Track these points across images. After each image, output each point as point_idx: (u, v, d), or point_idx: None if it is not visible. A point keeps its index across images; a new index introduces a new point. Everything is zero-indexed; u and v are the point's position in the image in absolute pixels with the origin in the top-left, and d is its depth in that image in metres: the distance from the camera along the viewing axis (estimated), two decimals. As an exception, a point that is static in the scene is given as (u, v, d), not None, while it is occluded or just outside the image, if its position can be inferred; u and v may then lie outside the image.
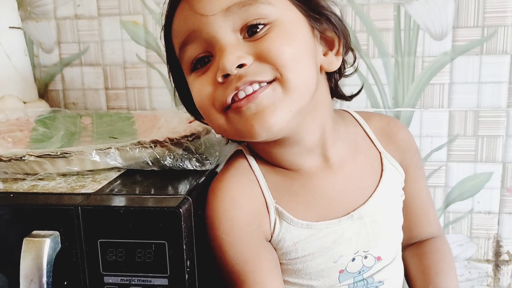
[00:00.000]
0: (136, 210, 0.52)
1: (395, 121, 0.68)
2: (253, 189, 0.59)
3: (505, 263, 0.90)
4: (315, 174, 0.60)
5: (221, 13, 0.51)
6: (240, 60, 0.50)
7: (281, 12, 0.53)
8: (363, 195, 0.61)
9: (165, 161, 0.61)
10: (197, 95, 0.55)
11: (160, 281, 0.53)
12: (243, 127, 0.52)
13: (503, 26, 0.82)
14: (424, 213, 0.68)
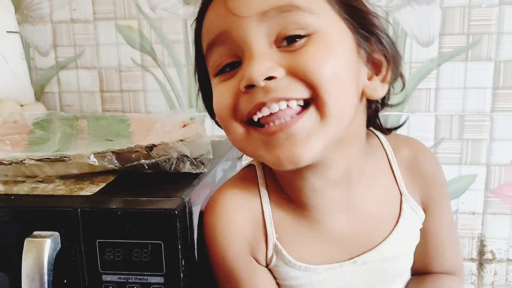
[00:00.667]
0: (133, 212, 0.54)
1: (424, 152, 0.60)
2: (255, 218, 0.55)
3: (489, 262, 0.94)
4: (329, 214, 0.54)
5: (257, 16, 0.45)
6: (269, 72, 0.44)
7: (324, 24, 0.46)
8: (373, 240, 0.56)
9: (161, 165, 0.63)
10: (217, 101, 0.49)
11: (156, 279, 0.55)
12: (265, 154, 0.47)
13: (487, 33, 0.85)
14: (439, 251, 0.61)
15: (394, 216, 0.56)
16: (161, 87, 0.98)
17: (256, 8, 0.45)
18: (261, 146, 0.47)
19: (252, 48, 0.46)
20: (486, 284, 0.95)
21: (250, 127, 0.48)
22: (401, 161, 0.58)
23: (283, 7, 0.45)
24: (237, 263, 0.55)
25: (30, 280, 0.55)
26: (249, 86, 0.45)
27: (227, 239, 0.55)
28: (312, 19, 0.46)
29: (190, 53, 0.96)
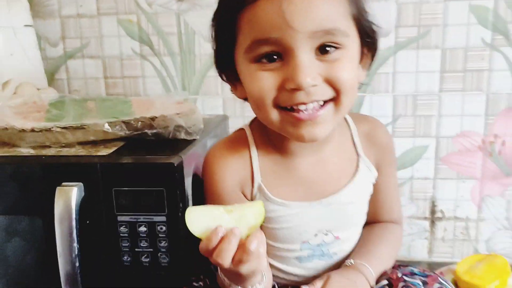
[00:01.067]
0: (142, 165, 0.69)
1: (380, 126, 0.76)
2: (245, 164, 0.69)
3: (439, 220, 1.10)
4: (304, 163, 0.69)
5: (308, 33, 0.56)
6: (313, 82, 0.57)
7: (351, 41, 0.60)
8: (336, 187, 0.70)
9: (161, 133, 0.78)
10: (258, 87, 0.60)
11: (160, 218, 0.70)
12: (293, 131, 0.61)
13: (435, 25, 1.00)
14: (387, 204, 0.77)
15: (352, 171, 0.72)
16: (158, 74, 1.13)
17: (310, 26, 0.56)
18: (290, 125, 0.61)
19: (299, 58, 0.57)
20: (437, 238, 1.11)
21: (282, 111, 0.61)
22: (361, 133, 0.73)
23: (330, 30, 0.57)
24: (229, 197, 0.69)
25: (61, 221, 0.69)
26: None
27: (223, 176, 0.69)
28: (345, 39, 0.59)
29: (183, 44, 1.10)
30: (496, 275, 0.90)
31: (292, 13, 0.56)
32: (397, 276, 0.70)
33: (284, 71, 0.59)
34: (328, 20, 0.57)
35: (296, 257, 0.73)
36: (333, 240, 0.72)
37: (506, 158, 1.04)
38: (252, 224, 0.55)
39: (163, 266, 0.72)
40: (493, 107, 1.02)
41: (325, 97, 0.60)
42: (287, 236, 0.71)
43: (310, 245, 0.72)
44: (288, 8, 0.56)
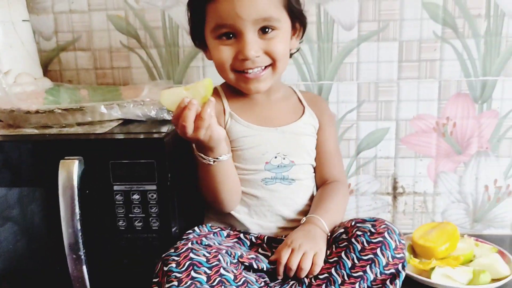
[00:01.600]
0: (135, 140, 0.80)
1: (320, 97, 1.11)
2: (218, 103, 0.91)
3: (400, 195, 1.22)
4: (259, 103, 0.95)
5: (252, 20, 0.83)
6: (256, 54, 0.84)
7: (283, 23, 0.87)
8: (288, 120, 0.95)
9: (151, 113, 0.89)
10: (220, 57, 0.86)
11: (151, 187, 0.81)
12: (244, 86, 0.89)
13: (393, 20, 1.12)
14: (328, 158, 0.99)
15: (300, 113, 0.98)
16: (145, 65, 1.23)
17: (253, 16, 0.83)
18: (242, 82, 0.89)
19: (247, 37, 0.84)
20: (399, 212, 1.23)
21: (236, 73, 0.88)
22: (305, 97, 1.02)
23: (266, 18, 0.84)
24: None
25: (64, 190, 0.80)
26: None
27: None
28: (279, 23, 0.86)
29: (168, 37, 1.20)
30: (446, 239, 1.03)
31: (241, 7, 0.82)
32: (351, 224, 0.84)
33: (237, 46, 0.86)
34: (265, 10, 0.83)
35: (262, 179, 0.91)
36: (290, 163, 0.93)
37: (456, 138, 1.17)
38: (202, 95, 0.73)
39: (153, 229, 0.83)
40: (444, 93, 1.15)
41: (264, 64, 0.87)
42: (252, 156, 0.91)
43: (272, 166, 0.92)
44: (237, 3, 0.82)
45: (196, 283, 0.71)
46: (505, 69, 1.12)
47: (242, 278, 0.76)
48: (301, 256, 0.79)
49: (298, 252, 0.80)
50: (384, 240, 0.79)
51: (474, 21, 1.10)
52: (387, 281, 0.78)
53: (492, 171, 1.18)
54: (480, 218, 1.21)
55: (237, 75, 0.88)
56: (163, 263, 0.74)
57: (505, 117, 1.15)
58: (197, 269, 0.72)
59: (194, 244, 0.76)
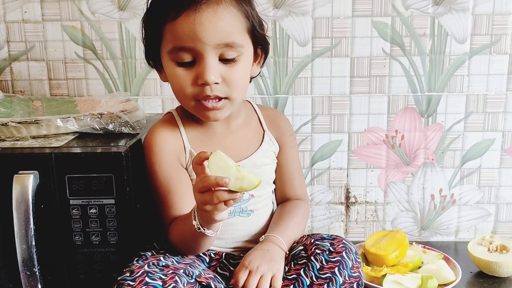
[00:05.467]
0: (93, 154, 0.80)
1: (280, 113, 1.03)
2: (176, 137, 0.88)
3: (353, 204, 1.27)
4: (221, 133, 0.91)
5: (214, 45, 0.78)
6: (215, 80, 0.79)
7: (246, 50, 0.82)
8: (247, 152, 0.92)
9: (108, 127, 0.88)
10: (178, 82, 0.82)
11: (109, 201, 0.81)
12: (203, 114, 0.84)
13: (345, 37, 1.17)
14: (290, 178, 0.98)
15: (259, 141, 0.94)
16: (101, 76, 1.22)
17: (214, 40, 0.78)
18: (201, 110, 0.84)
19: (207, 61, 0.79)
20: (352, 220, 1.28)
21: (196, 101, 0.83)
22: (266, 116, 0.97)
23: (229, 43, 0.79)
24: (169, 169, 0.86)
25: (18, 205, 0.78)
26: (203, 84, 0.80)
27: (161, 151, 0.86)
28: (242, 49, 0.81)
29: (125, 49, 1.20)
30: (396, 247, 1.07)
31: (201, 31, 0.77)
32: (310, 242, 0.86)
33: (196, 70, 0.80)
34: (228, 35, 0.79)
35: None
36: (249, 197, 0.91)
37: (405, 150, 1.23)
38: (243, 187, 0.70)
39: (111, 243, 0.82)
40: (393, 107, 1.21)
41: (222, 95, 0.82)
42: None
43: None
44: (198, 27, 0.77)
45: None
46: (449, 85, 1.20)
47: (199, 298, 0.77)
48: (259, 278, 0.80)
49: (256, 274, 0.80)
50: (342, 260, 0.82)
51: (420, 40, 1.17)
52: None
53: (438, 181, 1.25)
54: (427, 226, 1.28)
55: (196, 102, 0.83)
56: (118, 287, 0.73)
57: (448, 130, 1.22)
58: None
59: (151, 266, 0.76)
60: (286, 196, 0.99)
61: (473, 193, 1.25)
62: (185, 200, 0.85)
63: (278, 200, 1.00)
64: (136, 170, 0.84)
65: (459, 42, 1.17)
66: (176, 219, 0.85)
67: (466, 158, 1.23)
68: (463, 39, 1.17)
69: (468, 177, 1.24)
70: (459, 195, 1.25)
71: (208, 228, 0.77)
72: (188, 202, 0.85)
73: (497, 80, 1.19)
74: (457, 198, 1.26)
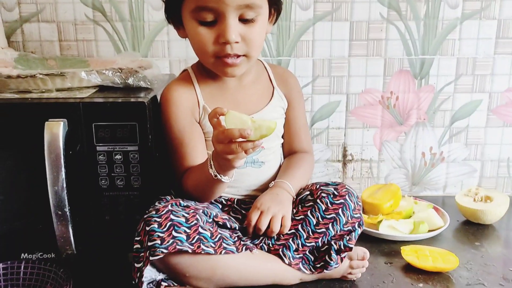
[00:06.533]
0: (117, 103, 0.85)
1: (289, 71, 1.09)
2: (191, 93, 0.94)
3: (349, 162, 1.35)
4: (233, 88, 0.97)
5: (235, 6, 0.83)
6: (236, 39, 0.84)
7: (263, 10, 0.87)
8: (258, 107, 0.98)
9: (128, 81, 0.94)
10: (201, 40, 0.86)
11: (133, 148, 0.87)
12: (221, 70, 0.90)
13: (345, 2, 1.23)
14: (297, 133, 1.04)
15: (269, 96, 1.00)
16: (110, 38, 1.26)
17: (237, 2, 0.82)
18: (220, 66, 0.89)
19: (229, 22, 0.84)
20: (348, 177, 1.36)
21: (215, 58, 0.88)
22: (275, 73, 1.03)
23: (249, 4, 0.84)
24: (183, 122, 0.92)
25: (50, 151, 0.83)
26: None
27: (176, 104, 0.92)
28: (260, 10, 0.86)
29: (133, 11, 1.24)
30: (390, 197, 1.17)
31: None
32: (315, 187, 0.94)
33: (217, 29, 0.86)
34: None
35: None
36: (260, 149, 0.97)
37: (399, 110, 1.31)
38: (263, 133, 0.76)
39: (135, 187, 0.89)
40: (389, 69, 1.28)
41: (241, 53, 0.88)
42: None
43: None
44: None
45: (177, 241, 0.78)
46: (441, 49, 1.27)
47: (218, 235, 0.84)
48: (270, 218, 0.88)
49: (267, 215, 0.88)
50: (345, 202, 0.90)
51: (415, 5, 1.24)
52: (345, 235, 0.90)
53: (428, 139, 1.33)
54: (418, 182, 1.37)
55: (216, 59, 0.88)
56: (145, 223, 0.80)
57: (440, 91, 1.30)
58: (178, 229, 0.79)
59: (174, 206, 0.83)
60: (293, 149, 1.06)
61: (460, 151, 1.34)
62: (197, 151, 0.92)
63: (285, 153, 1.06)
64: (157, 120, 0.90)
65: (451, 7, 1.24)
66: (189, 168, 0.91)
67: (455, 118, 1.32)
68: (455, 4, 1.24)
69: (456, 135, 1.33)
70: (448, 152, 1.34)
71: (224, 175, 0.84)
72: (200, 153, 0.92)
73: (486, 44, 1.27)
74: (446, 155, 1.35)
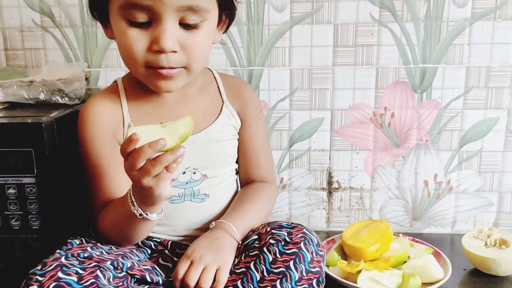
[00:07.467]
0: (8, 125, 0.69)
1: (244, 83, 0.91)
2: (115, 109, 0.77)
3: (336, 190, 1.15)
4: (170, 103, 0.79)
5: (175, 7, 0.66)
6: (173, 47, 0.68)
7: (210, 15, 0.71)
8: (200, 126, 0.79)
9: (40, 96, 0.78)
10: (129, 46, 0.69)
11: (29, 179, 0.70)
12: (154, 84, 0.72)
13: (327, 1, 1.04)
14: (254, 158, 0.86)
15: (216, 113, 0.82)
16: (60, 46, 1.11)
17: (177, 2, 0.66)
18: (152, 79, 0.71)
19: (166, 25, 0.67)
20: (335, 208, 1.15)
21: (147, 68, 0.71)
22: (227, 85, 0.85)
23: (193, 7, 0.67)
24: (102, 146, 0.74)
25: None
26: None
27: (94, 126, 0.75)
28: (207, 14, 0.70)
29: (85, 16, 1.09)
30: (377, 239, 0.95)
31: None
32: (265, 231, 0.74)
33: (151, 33, 0.68)
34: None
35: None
36: (201, 178, 0.80)
37: (395, 130, 1.10)
38: (182, 133, 0.61)
39: (34, 229, 0.72)
40: (382, 81, 1.07)
41: (179, 65, 0.70)
42: None
43: (179, 183, 0.78)
44: None
45: None
46: (446, 56, 1.05)
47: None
48: (202, 270, 0.69)
49: (198, 266, 0.69)
50: (299, 252, 0.69)
51: (414, 4, 1.03)
52: None
53: (432, 165, 1.11)
54: (420, 216, 1.14)
55: (147, 70, 0.71)
56: (26, 283, 0.62)
57: (445, 107, 1.08)
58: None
59: (69, 258, 0.65)
60: (250, 177, 0.87)
61: (472, 180, 1.11)
62: (118, 182, 0.74)
63: (242, 182, 0.89)
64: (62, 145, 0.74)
65: (458, 6, 1.03)
66: (107, 204, 0.74)
67: (465, 139, 1.09)
68: (463, 2, 1.02)
69: (467, 161, 1.10)
70: (457, 181, 1.12)
71: (151, 212, 0.66)
72: (122, 185, 0.74)
73: (502, 50, 1.05)
74: (454, 185, 1.12)
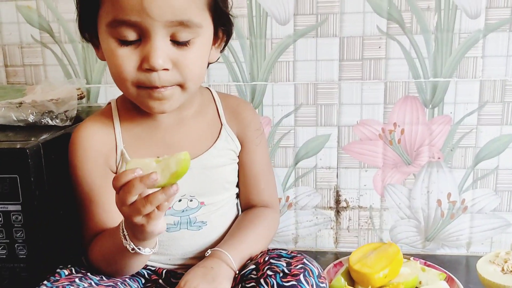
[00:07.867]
0: (-8, 151, 0.66)
1: (246, 104, 0.84)
2: (107, 133, 0.73)
3: (344, 209, 1.10)
4: (164, 123, 0.75)
5: (165, 22, 0.62)
6: (164, 65, 0.64)
7: (203, 30, 0.66)
8: (197, 151, 0.75)
9: (29, 118, 0.75)
10: (118, 66, 0.65)
11: (15, 207, 0.67)
12: (146, 105, 0.68)
13: (332, 13, 1.00)
14: (255, 182, 0.81)
15: (214, 137, 0.77)
16: (59, 62, 1.09)
17: (166, 17, 0.62)
18: (145, 99, 0.68)
19: (155, 42, 0.63)
20: (343, 228, 1.11)
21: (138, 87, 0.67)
22: (226, 106, 0.80)
23: (184, 21, 0.63)
24: (93, 175, 0.71)
25: None
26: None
27: (85, 152, 0.71)
28: (199, 30, 0.66)
29: (84, 31, 1.07)
30: (386, 264, 0.89)
31: (150, 2, 0.61)
32: (263, 260, 0.70)
33: (141, 51, 0.65)
34: (183, 12, 0.63)
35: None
36: (198, 205, 0.76)
37: (405, 147, 1.04)
38: (173, 171, 0.56)
39: (20, 258, 0.69)
40: (391, 96, 1.02)
41: (172, 84, 0.66)
42: None
43: (175, 211, 0.74)
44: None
45: None
46: (459, 70, 1.00)
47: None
48: None
49: None
50: (298, 284, 0.64)
51: (423, 15, 0.98)
52: None
53: (445, 184, 1.05)
54: (433, 237, 1.08)
55: (139, 90, 0.67)
56: None
57: (459, 123, 1.02)
58: None
59: None
60: (250, 202, 0.83)
61: (488, 199, 1.05)
62: (109, 212, 0.70)
63: (242, 207, 0.84)
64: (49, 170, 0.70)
65: (471, 17, 0.97)
66: (98, 234, 0.70)
67: (480, 157, 1.04)
68: (476, 13, 0.97)
69: (483, 179, 1.05)
70: (472, 201, 1.06)
71: (144, 246, 0.63)
72: (114, 215, 0.69)
73: (519, 62, 0.98)
74: (469, 204, 1.06)
